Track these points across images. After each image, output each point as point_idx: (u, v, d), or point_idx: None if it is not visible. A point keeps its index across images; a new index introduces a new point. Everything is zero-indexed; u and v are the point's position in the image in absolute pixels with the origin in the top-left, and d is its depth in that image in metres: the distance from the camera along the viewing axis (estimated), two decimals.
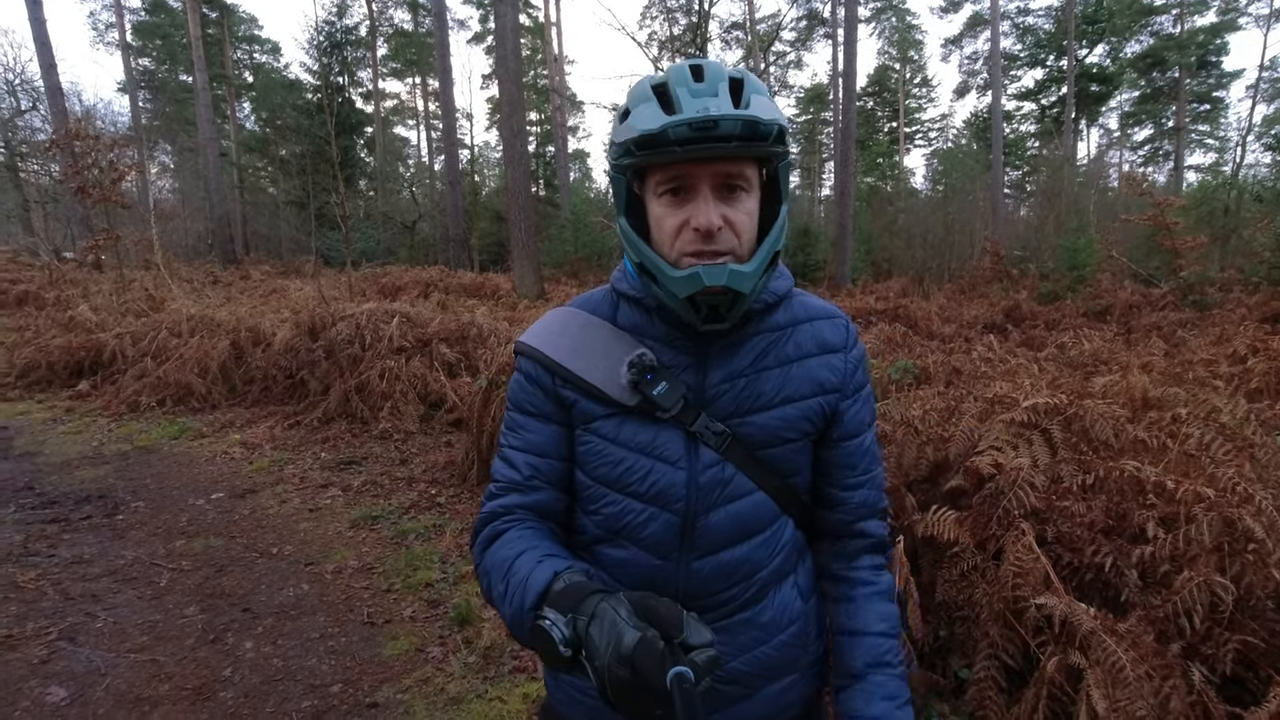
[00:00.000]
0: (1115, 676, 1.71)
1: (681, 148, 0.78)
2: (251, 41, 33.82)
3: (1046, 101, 29.04)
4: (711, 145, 0.78)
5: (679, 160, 0.80)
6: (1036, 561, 2.04)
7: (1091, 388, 3.22)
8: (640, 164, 0.83)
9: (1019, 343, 7.29)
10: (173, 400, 6.50)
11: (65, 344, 7.45)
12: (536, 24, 32.72)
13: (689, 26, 25.17)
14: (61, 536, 3.80)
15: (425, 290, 12.89)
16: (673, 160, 0.80)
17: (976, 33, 32.79)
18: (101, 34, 31.31)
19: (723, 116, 0.77)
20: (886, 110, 38.13)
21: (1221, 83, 29.62)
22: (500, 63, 12.93)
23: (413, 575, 3.39)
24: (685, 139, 0.77)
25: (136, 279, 11.92)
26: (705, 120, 0.76)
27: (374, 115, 31.96)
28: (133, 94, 28.21)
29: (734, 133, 0.77)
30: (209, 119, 21.63)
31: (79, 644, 2.80)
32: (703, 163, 0.81)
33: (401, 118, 39.58)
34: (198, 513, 4.19)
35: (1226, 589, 1.78)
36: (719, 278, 0.81)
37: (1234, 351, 4.56)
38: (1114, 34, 26.68)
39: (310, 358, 6.53)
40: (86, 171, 11.40)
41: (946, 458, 2.71)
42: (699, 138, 0.77)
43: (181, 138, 30.64)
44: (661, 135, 0.78)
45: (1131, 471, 2.23)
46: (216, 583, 3.34)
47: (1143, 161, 32.71)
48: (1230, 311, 8.05)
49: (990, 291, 13.32)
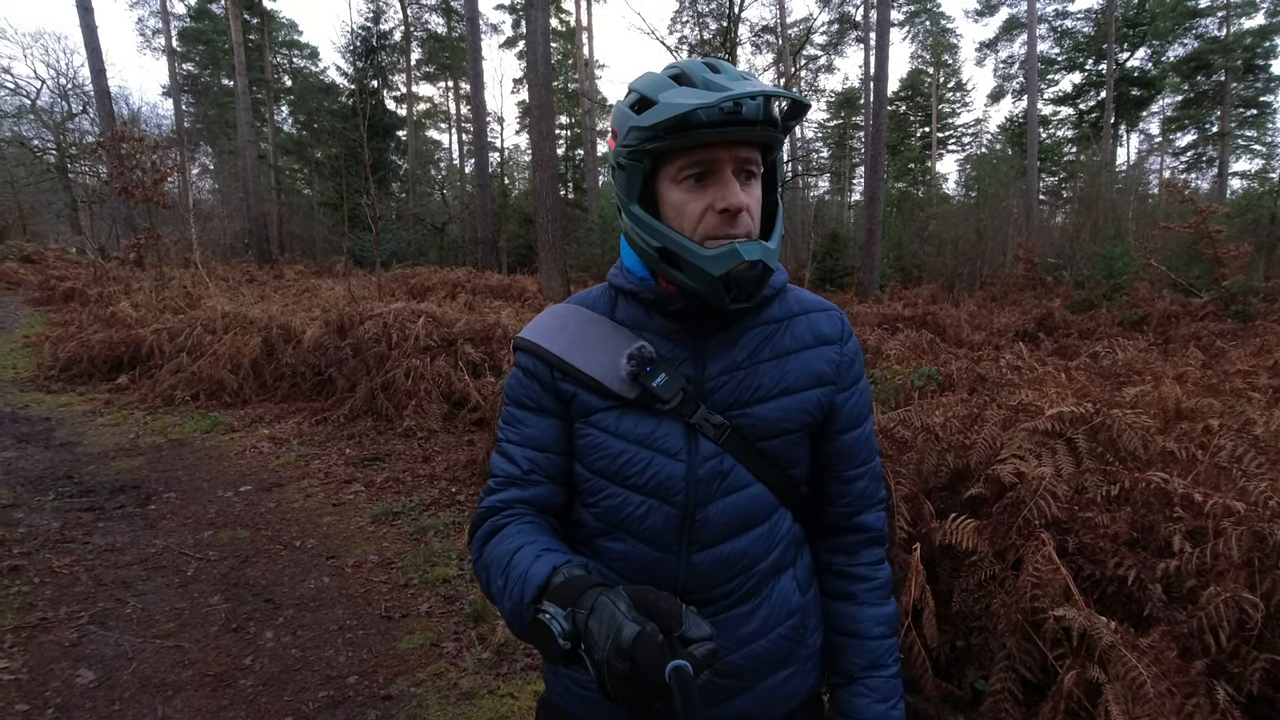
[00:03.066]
0: (1135, 693, 1.67)
1: (712, 129, 0.80)
2: (291, 46, 34.62)
3: (1084, 106, 28.47)
4: (739, 128, 0.81)
5: (709, 142, 0.82)
6: (1056, 572, 2.00)
7: (1121, 397, 3.14)
8: (665, 148, 0.83)
9: (1050, 351, 7.13)
10: (206, 395, 6.67)
11: (106, 339, 7.70)
12: (568, 29, 32.98)
13: (719, 31, 25.17)
14: (96, 524, 3.92)
15: (453, 291, 13.04)
16: (702, 142, 0.82)
17: (1013, 36, 32.20)
18: (148, 39, 32.32)
19: (763, 91, 0.80)
20: (919, 115, 37.65)
21: (1269, 87, 28.64)
22: (530, 67, 13.06)
23: (430, 571, 3.43)
24: (717, 121, 0.79)
25: (175, 277, 12.29)
26: (740, 96, 0.78)
27: (407, 118, 32.48)
28: (176, 98, 29.12)
29: (756, 117, 0.80)
30: (248, 122, 22.21)
31: (109, 628, 2.88)
32: (729, 146, 0.83)
33: (434, 121, 40.16)
34: (226, 504, 4.30)
35: (1255, 606, 1.73)
36: (754, 252, 0.83)
37: (1275, 363, 4.41)
38: (1156, 37, 26.03)
39: (338, 355, 6.66)
40: (131, 173, 11.77)
41: (967, 465, 2.67)
42: (728, 120, 0.79)
43: (222, 140, 31.50)
44: (693, 115, 0.79)
45: (1159, 483, 2.17)
46: (241, 573, 3.42)
47: (1185, 168, 31.77)
48: (1274, 323, 7.79)
49: (1023, 299, 13.06)
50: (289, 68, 34.60)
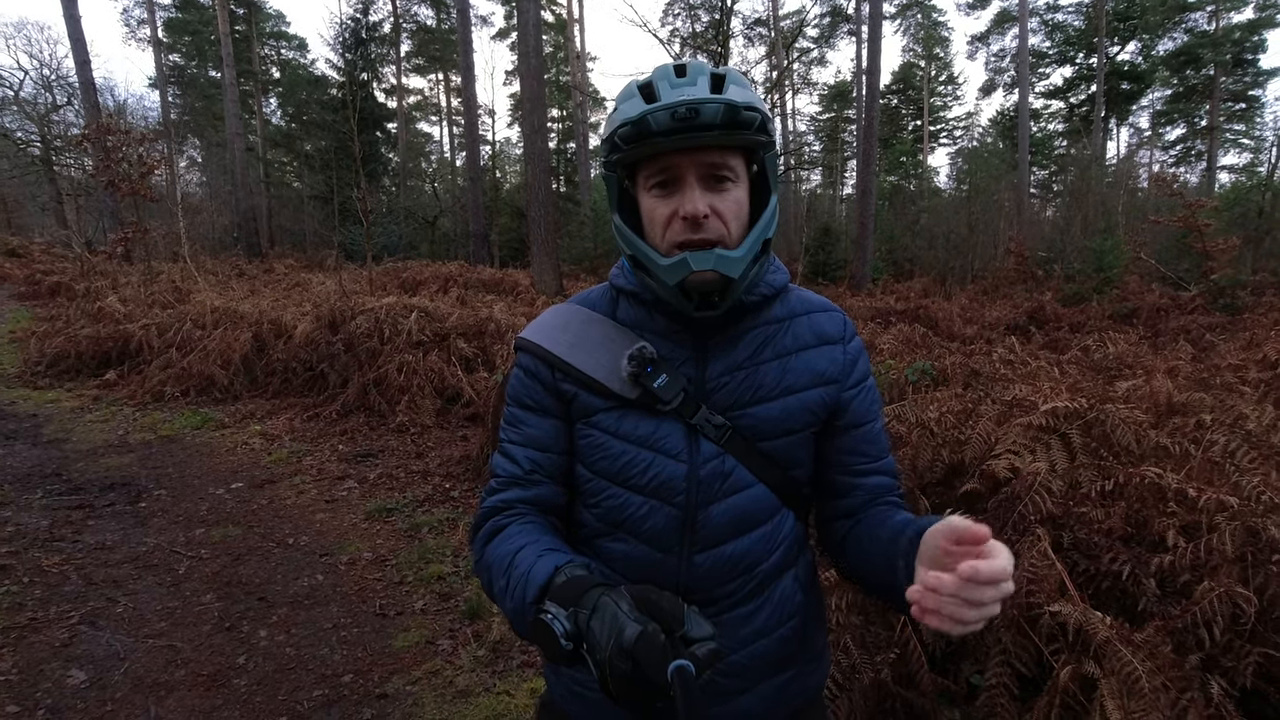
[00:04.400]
0: (1130, 687, 1.68)
1: (665, 138, 0.80)
2: (279, 38, 34.22)
3: (1075, 100, 28.53)
4: (693, 135, 0.80)
5: (664, 150, 0.82)
6: (1052, 568, 2.00)
7: (1114, 392, 3.16)
8: (629, 158, 0.85)
9: (1041, 345, 7.17)
10: (196, 391, 6.62)
11: (94, 334, 7.61)
12: (559, 20, 32.77)
13: (711, 23, 25.07)
14: (86, 522, 3.88)
15: (445, 285, 12.97)
16: (658, 151, 0.82)
17: (1004, 29, 32.25)
18: (133, 30, 31.87)
19: (696, 100, 0.78)
20: (911, 108, 37.68)
21: (1258, 81, 28.81)
22: (522, 59, 12.98)
23: (425, 568, 3.42)
24: (668, 129, 0.79)
25: (164, 271, 12.14)
26: (681, 104, 0.78)
27: (397, 111, 32.21)
28: (163, 89, 28.75)
29: (714, 121, 0.79)
30: (236, 114, 21.97)
31: (99, 628, 2.86)
32: (688, 153, 0.82)
33: (424, 113, 39.84)
34: (217, 502, 4.27)
35: (1249, 600, 1.74)
36: (706, 263, 0.82)
37: (1264, 357, 4.44)
38: (1146, 31, 26.11)
39: (330, 351, 6.61)
40: (117, 166, 11.63)
41: (962, 461, 2.68)
42: (681, 127, 0.79)
43: (209, 132, 31.13)
44: (643, 124, 0.80)
45: (1153, 478, 2.18)
46: (233, 571, 3.39)
47: (1174, 161, 31.95)
48: (1262, 316, 7.86)
49: (1014, 293, 13.12)
50: (277, 59, 34.21)
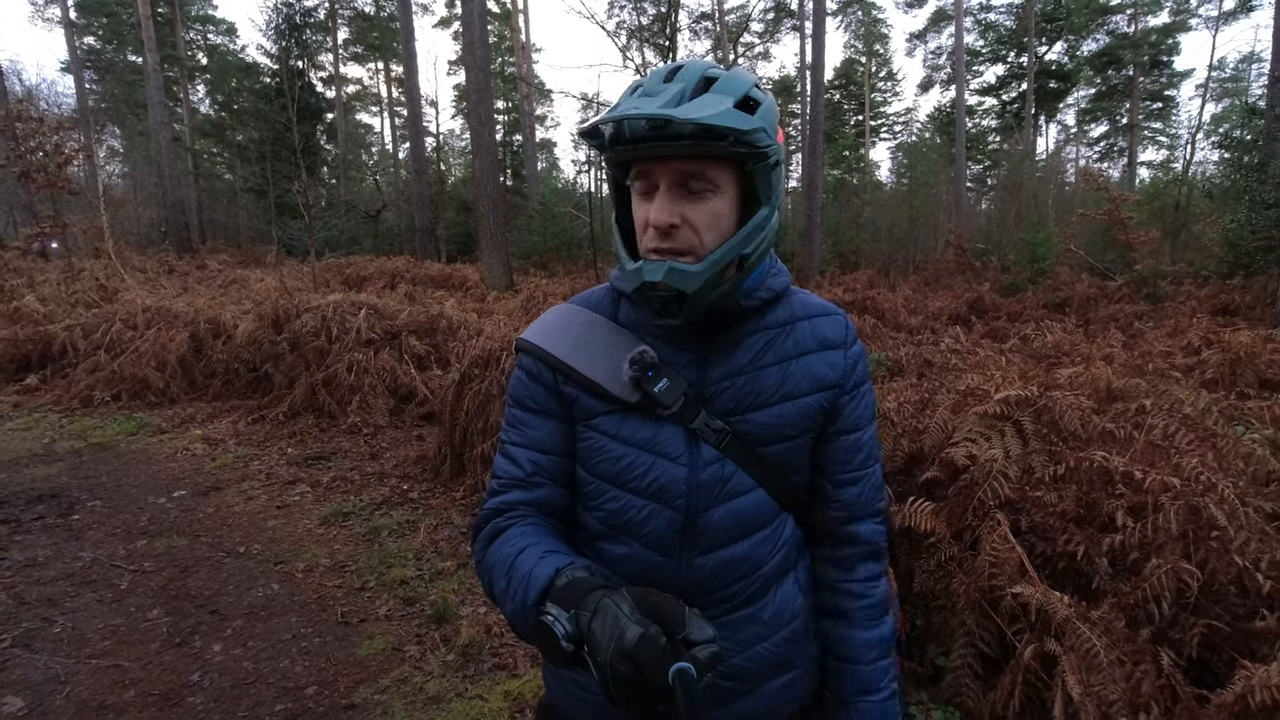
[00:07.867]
0: (1089, 662, 1.77)
1: (635, 146, 0.79)
2: (205, 22, 32.59)
3: (1008, 97, 29.66)
4: (660, 144, 0.78)
5: (637, 157, 0.82)
6: (1012, 551, 2.09)
7: (1058, 379, 3.31)
8: (615, 159, 0.85)
9: (983, 334, 7.46)
10: (129, 395, 6.27)
11: (10, 336, 7.12)
12: (504, 10, 32.16)
13: (658, 16, 25.07)
14: (13, 538, 3.64)
15: (392, 281, 12.65)
16: (631, 158, 0.82)
17: (940, 28, 33.26)
18: (40, 9, 29.85)
19: (643, 115, 0.75)
20: (853, 103, 38.48)
21: (1173, 82, 30.57)
22: (467, 49, 12.69)
23: (387, 573, 3.33)
24: (640, 136, 0.78)
25: (86, 268, 11.45)
26: (640, 117, 0.75)
27: (335, 101, 31.11)
28: (77, 74, 26.91)
29: (684, 132, 0.76)
30: (161, 102, 20.78)
31: (35, 651, 2.69)
32: (663, 160, 0.81)
33: (364, 104, 38.63)
34: (159, 511, 4.06)
35: (1193, 575, 1.85)
36: (656, 274, 0.82)
37: (1188, 344, 4.73)
38: (1072, 32, 27.34)
39: (274, 351, 6.36)
40: (30, 155, 10.90)
41: (921, 449, 2.76)
42: (653, 135, 0.78)
43: (131, 121, 29.45)
44: (619, 128, 0.79)
45: (1100, 462, 2.29)
46: (181, 584, 3.24)
47: (1099, 157, 33.64)
48: (1181, 304, 8.37)
49: (954, 283, 13.61)
50: (204, 44, 32.61)
